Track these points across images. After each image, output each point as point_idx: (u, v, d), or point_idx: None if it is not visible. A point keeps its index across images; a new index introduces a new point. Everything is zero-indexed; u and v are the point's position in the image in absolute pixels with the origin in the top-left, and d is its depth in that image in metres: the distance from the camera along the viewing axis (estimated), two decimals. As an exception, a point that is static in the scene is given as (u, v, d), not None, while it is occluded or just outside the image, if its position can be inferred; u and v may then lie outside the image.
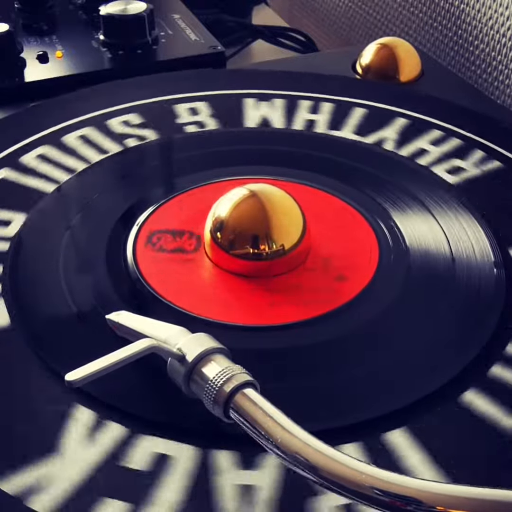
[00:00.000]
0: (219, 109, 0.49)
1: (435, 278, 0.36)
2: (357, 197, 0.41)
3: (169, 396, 0.29)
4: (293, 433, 0.24)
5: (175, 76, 0.53)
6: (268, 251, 0.35)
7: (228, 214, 0.36)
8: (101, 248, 0.38)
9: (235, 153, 0.45)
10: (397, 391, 0.30)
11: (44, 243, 0.38)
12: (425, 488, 0.22)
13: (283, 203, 0.36)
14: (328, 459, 0.23)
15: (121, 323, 0.31)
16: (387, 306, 0.34)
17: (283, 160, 0.44)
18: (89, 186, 0.42)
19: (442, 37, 0.63)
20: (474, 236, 0.38)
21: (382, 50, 0.55)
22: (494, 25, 0.57)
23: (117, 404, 0.30)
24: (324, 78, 0.53)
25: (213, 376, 0.27)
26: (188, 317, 0.33)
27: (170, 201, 0.41)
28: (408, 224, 0.39)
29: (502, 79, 0.57)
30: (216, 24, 0.66)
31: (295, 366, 0.32)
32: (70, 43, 0.59)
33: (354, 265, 0.37)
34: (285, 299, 0.35)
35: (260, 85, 0.51)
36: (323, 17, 0.79)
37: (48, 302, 0.35)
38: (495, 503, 0.21)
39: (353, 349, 0.33)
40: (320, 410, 0.30)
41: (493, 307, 0.34)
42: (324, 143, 0.46)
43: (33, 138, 0.46)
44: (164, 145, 0.46)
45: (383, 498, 0.22)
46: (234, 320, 0.33)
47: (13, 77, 0.54)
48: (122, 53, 0.58)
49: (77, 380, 0.26)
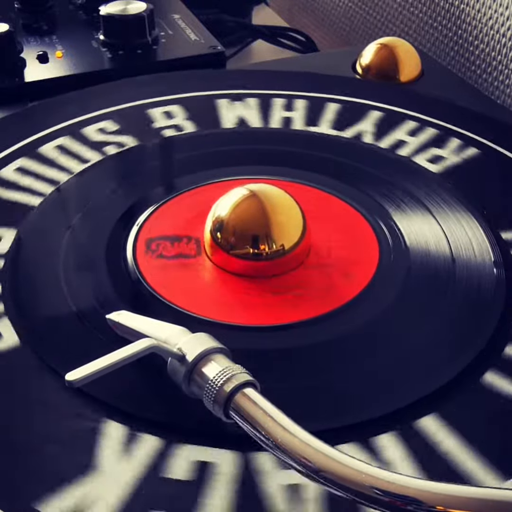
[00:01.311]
0: (194, 111, 0.49)
1: (435, 278, 0.36)
2: (357, 197, 0.41)
3: (201, 403, 0.28)
4: (293, 433, 0.24)
5: (147, 80, 0.53)
6: (268, 251, 0.35)
7: (228, 214, 0.36)
8: (101, 248, 0.38)
9: (235, 153, 0.45)
10: (396, 391, 0.30)
11: (44, 243, 0.38)
12: (425, 488, 0.22)
13: (283, 203, 0.36)
14: (328, 459, 0.23)
15: (121, 323, 0.31)
16: (387, 306, 0.34)
17: (283, 160, 0.44)
18: (89, 186, 0.42)
19: (442, 37, 0.63)
20: (474, 236, 0.38)
21: (382, 50, 0.55)
22: (494, 25, 0.57)
23: (148, 415, 0.29)
24: (294, 75, 0.53)
25: (213, 376, 0.27)
26: (188, 317, 0.33)
27: (170, 201, 0.41)
28: (408, 224, 0.39)
29: (502, 79, 0.57)
30: (216, 24, 0.66)
31: (295, 366, 0.32)
32: (70, 43, 0.59)
33: (354, 265, 0.37)
34: (285, 299, 0.35)
35: (231, 86, 0.52)
36: (323, 17, 0.79)
37: (48, 302, 0.35)
38: (495, 503, 0.21)
39: (353, 349, 0.33)
40: (320, 410, 0.30)
41: (493, 307, 0.34)
42: (324, 143, 0.46)
43: (9, 150, 0.45)
44: (164, 145, 0.46)
45: (383, 498, 0.22)
46: (234, 320, 0.33)
47: (13, 77, 0.54)
48: (122, 53, 0.58)
49: (77, 379, 0.26)
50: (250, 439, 0.26)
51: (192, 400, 0.28)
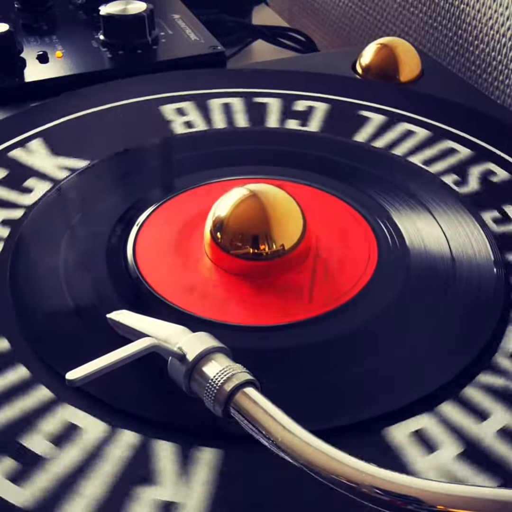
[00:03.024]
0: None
1: (434, 278, 0.36)
2: (357, 197, 0.41)
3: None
4: (294, 432, 0.24)
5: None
6: (268, 251, 0.35)
7: (228, 214, 0.36)
8: (101, 248, 0.38)
9: (235, 153, 0.45)
10: (396, 391, 0.30)
11: (44, 243, 0.38)
12: (426, 487, 0.22)
13: (283, 203, 0.36)
14: (328, 458, 0.23)
15: (122, 322, 0.31)
16: (387, 306, 0.34)
17: (283, 160, 0.44)
18: (89, 186, 0.42)
19: (442, 37, 0.63)
20: (474, 236, 0.38)
21: (382, 50, 0.55)
22: (494, 25, 0.57)
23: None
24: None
25: (214, 375, 0.27)
26: (187, 317, 0.33)
27: (170, 201, 0.41)
28: (408, 224, 0.39)
29: (502, 79, 0.57)
30: (216, 24, 0.66)
31: (295, 366, 0.32)
32: (70, 43, 0.59)
33: (354, 265, 0.37)
34: (285, 299, 0.35)
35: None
36: (323, 17, 0.79)
37: (48, 302, 0.35)
38: (496, 502, 0.21)
39: (353, 349, 0.33)
40: (320, 409, 0.30)
41: (493, 307, 0.34)
42: (324, 143, 0.46)
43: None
44: (164, 145, 0.46)
45: (383, 497, 0.22)
46: (234, 320, 0.33)
47: (13, 77, 0.54)
48: (122, 53, 0.58)
49: (77, 379, 0.26)
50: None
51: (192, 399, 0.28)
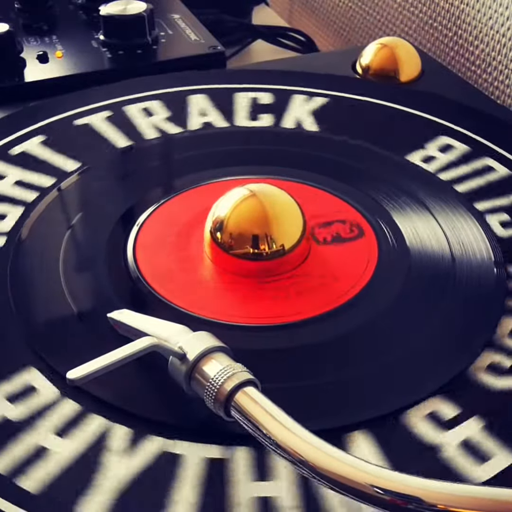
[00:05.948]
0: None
1: (435, 278, 0.36)
2: (357, 197, 0.41)
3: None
4: (294, 432, 0.24)
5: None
6: (268, 251, 0.35)
7: (228, 214, 0.36)
8: (101, 248, 0.38)
9: (235, 153, 0.45)
10: (396, 391, 0.30)
11: (44, 243, 0.38)
12: (426, 487, 0.22)
13: (283, 203, 0.36)
14: (328, 458, 0.23)
15: (122, 322, 0.31)
16: (387, 306, 0.34)
17: (283, 160, 0.44)
18: (89, 186, 0.42)
19: (442, 37, 0.63)
20: (474, 236, 0.38)
21: (382, 50, 0.55)
22: (494, 25, 0.57)
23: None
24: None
25: (214, 375, 0.27)
26: (187, 317, 0.33)
27: (170, 200, 0.41)
28: (408, 224, 0.39)
29: (502, 79, 0.57)
30: (216, 24, 0.66)
31: (295, 366, 0.32)
32: (70, 43, 0.59)
33: (354, 265, 0.37)
34: (285, 299, 0.35)
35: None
36: (323, 17, 0.79)
37: (48, 302, 0.35)
38: (496, 502, 0.21)
39: (353, 349, 0.33)
40: (319, 409, 0.30)
41: (493, 306, 0.34)
42: (324, 142, 0.46)
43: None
44: (164, 145, 0.46)
45: (383, 497, 0.22)
46: (234, 320, 0.33)
47: (13, 77, 0.54)
48: (122, 53, 0.58)
49: (78, 378, 0.26)
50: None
51: (193, 398, 0.28)
